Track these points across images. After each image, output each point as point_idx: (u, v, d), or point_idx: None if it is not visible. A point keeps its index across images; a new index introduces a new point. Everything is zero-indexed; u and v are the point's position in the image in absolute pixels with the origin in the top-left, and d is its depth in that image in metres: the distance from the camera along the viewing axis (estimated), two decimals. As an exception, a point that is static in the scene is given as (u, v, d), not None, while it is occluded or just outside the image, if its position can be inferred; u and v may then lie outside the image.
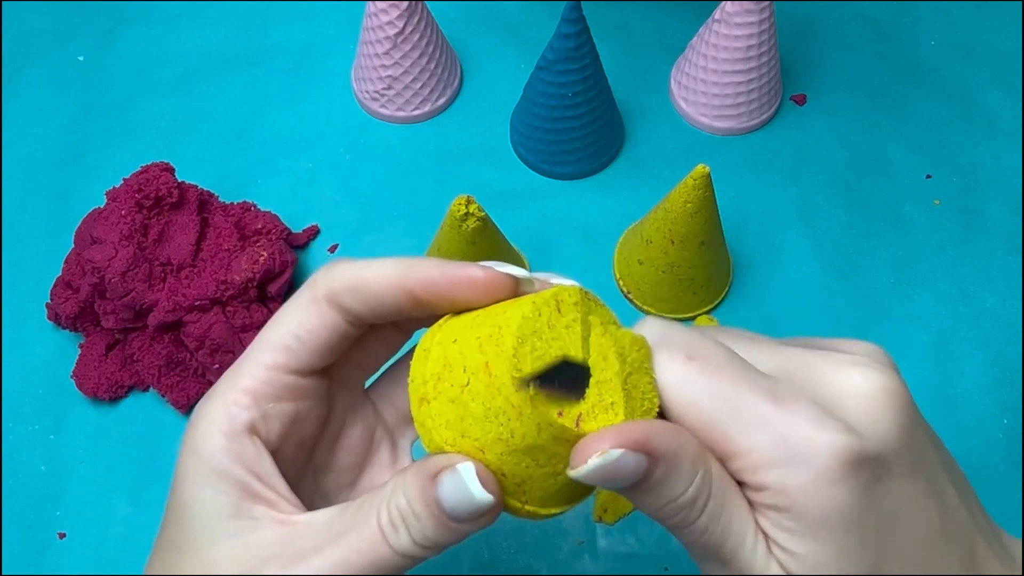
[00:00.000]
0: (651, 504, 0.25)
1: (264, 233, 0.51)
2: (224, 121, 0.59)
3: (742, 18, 0.52)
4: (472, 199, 0.44)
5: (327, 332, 0.28)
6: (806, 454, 0.24)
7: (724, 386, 0.25)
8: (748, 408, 0.25)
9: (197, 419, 0.28)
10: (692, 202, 0.45)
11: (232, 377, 0.28)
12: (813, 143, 0.58)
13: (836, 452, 0.24)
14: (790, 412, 0.24)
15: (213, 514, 0.26)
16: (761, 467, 0.24)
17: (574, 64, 0.50)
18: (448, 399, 0.25)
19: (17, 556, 0.46)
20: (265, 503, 0.27)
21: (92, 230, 0.48)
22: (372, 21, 0.54)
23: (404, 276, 0.27)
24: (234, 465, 0.27)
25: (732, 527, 0.25)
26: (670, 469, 0.24)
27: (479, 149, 0.58)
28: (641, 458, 0.24)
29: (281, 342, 0.28)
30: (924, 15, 0.64)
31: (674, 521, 0.25)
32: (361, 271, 0.27)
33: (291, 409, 0.28)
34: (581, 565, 0.46)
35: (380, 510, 0.26)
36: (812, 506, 0.24)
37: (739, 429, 0.25)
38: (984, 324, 0.53)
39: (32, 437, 0.49)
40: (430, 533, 0.25)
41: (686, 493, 0.25)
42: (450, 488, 0.25)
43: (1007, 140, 0.59)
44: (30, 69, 0.62)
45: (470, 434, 0.25)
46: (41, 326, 0.52)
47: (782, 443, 0.24)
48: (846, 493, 0.24)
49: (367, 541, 0.25)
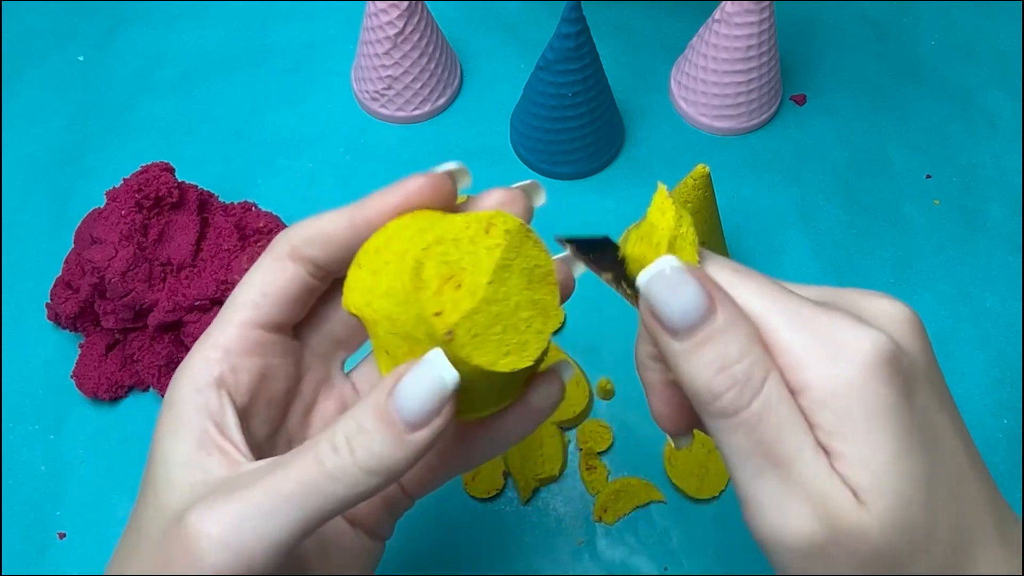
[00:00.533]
0: (706, 365, 0.25)
1: (265, 233, 0.51)
2: (224, 121, 0.59)
3: (742, 18, 0.52)
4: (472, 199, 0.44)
5: (290, 286, 0.29)
6: (849, 350, 0.24)
7: (770, 289, 0.26)
8: (793, 308, 0.25)
9: (175, 377, 0.29)
10: (692, 202, 0.45)
11: (205, 336, 0.29)
12: (813, 143, 0.58)
13: (878, 349, 0.24)
14: (831, 316, 0.25)
15: (173, 462, 0.27)
16: (802, 364, 0.25)
17: (574, 64, 0.50)
18: (371, 270, 0.27)
19: (17, 556, 0.46)
20: (219, 451, 0.27)
21: (92, 230, 0.48)
22: (372, 21, 0.54)
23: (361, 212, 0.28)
24: (195, 414, 0.27)
25: (788, 427, 0.24)
26: (728, 325, 0.25)
27: (479, 149, 0.58)
28: (703, 295, 0.25)
29: (248, 299, 0.29)
30: (924, 15, 0.64)
31: (728, 398, 0.24)
32: (318, 221, 0.29)
33: (260, 364, 0.29)
34: (581, 565, 0.46)
35: (322, 440, 0.25)
36: (857, 403, 0.24)
37: (784, 323, 0.25)
38: (984, 324, 0.53)
39: (32, 437, 0.49)
40: (377, 446, 0.24)
41: (741, 363, 0.24)
42: (411, 382, 0.25)
43: (1007, 140, 0.59)
44: (30, 69, 0.62)
45: (372, 305, 0.27)
46: (41, 326, 0.52)
47: (825, 339, 0.24)
48: (891, 391, 0.24)
49: (300, 468, 0.25)
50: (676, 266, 0.25)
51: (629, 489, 0.47)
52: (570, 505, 0.47)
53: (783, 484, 0.24)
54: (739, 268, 0.27)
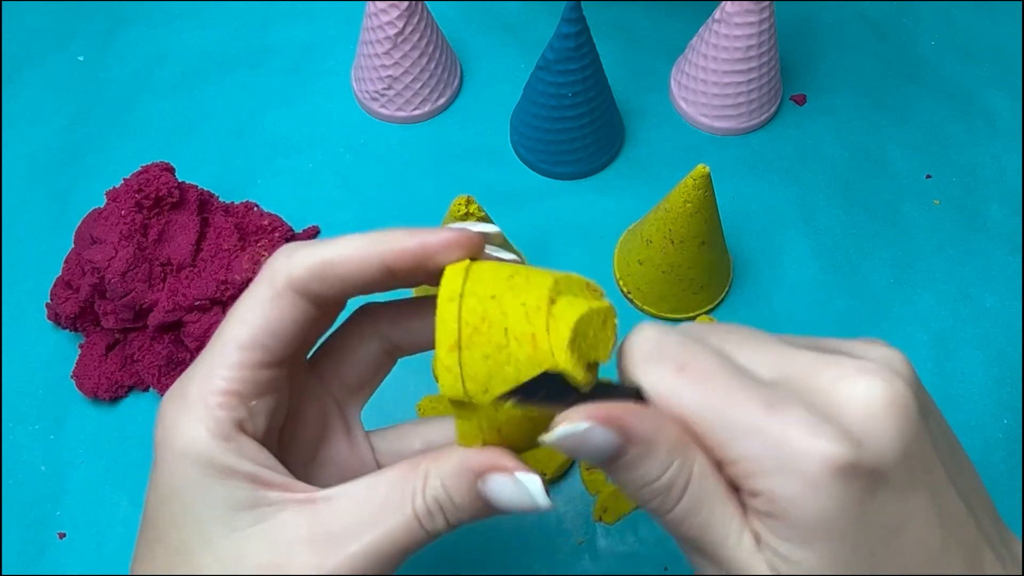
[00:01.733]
0: (627, 483, 0.26)
1: (268, 232, 0.51)
2: (224, 121, 0.59)
3: (742, 18, 0.52)
4: (472, 199, 0.44)
5: (297, 322, 0.28)
6: (797, 462, 0.23)
7: (715, 395, 0.25)
8: (739, 416, 0.24)
9: (176, 427, 0.27)
10: (692, 202, 0.45)
11: (206, 379, 0.27)
12: (813, 143, 0.58)
13: (828, 461, 0.23)
14: (783, 419, 0.24)
15: (226, 509, 0.26)
16: (752, 474, 0.24)
17: (574, 64, 0.50)
18: (483, 354, 0.25)
19: (17, 556, 0.46)
20: (279, 487, 0.27)
21: (92, 230, 0.48)
22: (372, 21, 0.54)
23: (376, 251, 0.27)
24: (241, 461, 0.27)
25: (713, 522, 0.25)
26: (644, 451, 0.25)
27: (479, 149, 0.58)
28: (611, 434, 0.24)
29: (253, 339, 0.28)
30: (924, 15, 0.64)
31: (652, 506, 0.26)
32: (325, 253, 0.27)
33: (273, 401, 0.29)
34: (581, 565, 0.46)
35: (416, 497, 0.27)
36: (802, 514, 0.24)
37: (730, 437, 0.24)
38: (984, 324, 0.53)
39: (32, 437, 0.49)
40: (466, 518, 0.27)
41: (661, 479, 0.25)
42: (504, 490, 0.26)
43: (1007, 140, 0.59)
44: (30, 69, 0.62)
45: (493, 392, 0.25)
46: (41, 326, 0.52)
47: (773, 451, 0.24)
48: (837, 503, 0.23)
49: (404, 527, 0.26)
50: (579, 427, 0.24)
51: (629, 489, 0.47)
52: (570, 505, 0.47)
53: (712, 564, 0.26)
54: (686, 362, 0.25)
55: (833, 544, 0.24)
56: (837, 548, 0.24)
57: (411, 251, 0.27)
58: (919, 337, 0.52)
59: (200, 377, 0.28)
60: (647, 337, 0.26)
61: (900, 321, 0.52)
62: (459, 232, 0.27)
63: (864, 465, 0.23)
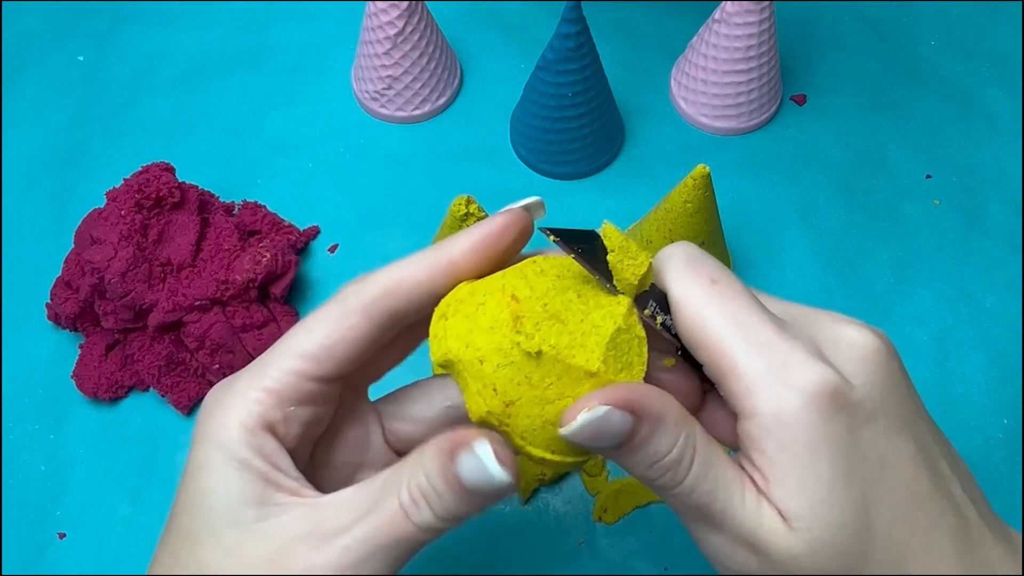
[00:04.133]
0: (639, 464, 0.26)
1: (272, 231, 0.51)
2: (224, 121, 0.59)
3: (742, 18, 0.52)
4: (472, 199, 0.44)
5: (357, 343, 0.29)
6: (798, 381, 0.25)
7: (738, 309, 0.27)
8: (754, 332, 0.26)
9: (214, 411, 0.28)
10: (692, 202, 0.45)
11: (255, 376, 0.28)
12: (813, 143, 0.58)
13: (824, 384, 0.25)
14: (791, 344, 0.26)
15: (237, 501, 0.27)
16: (754, 389, 0.26)
17: (574, 64, 0.50)
18: (464, 315, 0.28)
19: (17, 556, 0.46)
20: (287, 491, 0.28)
21: (92, 230, 0.48)
22: (372, 21, 0.54)
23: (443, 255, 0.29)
24: (256, 457, 0.27)
25: (719, 486, 0.26)
26: (655, 428, 0.26)
27: (479, 149, 0.58)
28: (627, 416, 0.26)
29: (309, 351, 0.28)
30: (924, 15, 0.64)
31: (662, 481, 0.26)
32: (393, 273, 0.29)
33: (311, 413, 0.29)
34: (581, 565, 0.46)
35: (401, 489, 0.27)
36: (800, 432, 0.25)
37: (742, 349, 0.26)
38: (984, 324, 0.53)
39: (32, 437, 0.49)
40: (451, 507, 0.27)
41: (671, 452, 0.26)
42: (469, 466, 0.26)
43: (1007, 140, 0.59)
44: (30, 69, 0.62)
45: (474, 344, 0.27)
46: (41, 326, 0.52)
47: (778, 367, 0.26)
48: (832, 426, 0.25)
49: (390, 519, 0.27)
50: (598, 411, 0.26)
51: (629, 489, 0.47)
52: (570, 505, 0.47)
53: (720, 533, 0.27)
54: (716, 277, 0.27)
55: (829, 465, 0.25)
56: (834, 471, 0.25)
57: (476, 246, 0.29)
58: (919, 337, 0.52)
59: (252, 372, 0.29)
60: (686, 250, 0.28)
61: (900, 321, 0.52)
62: (508, 213, 0.29)
63: (853, 398, 0.26)
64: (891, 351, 0.28)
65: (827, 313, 0.29)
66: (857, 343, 0.27)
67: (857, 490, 0.25)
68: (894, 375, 0.27)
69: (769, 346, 0.26)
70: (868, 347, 0.27)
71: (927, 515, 0.26)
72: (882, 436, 0.26)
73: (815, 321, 0.28)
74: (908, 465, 0.26)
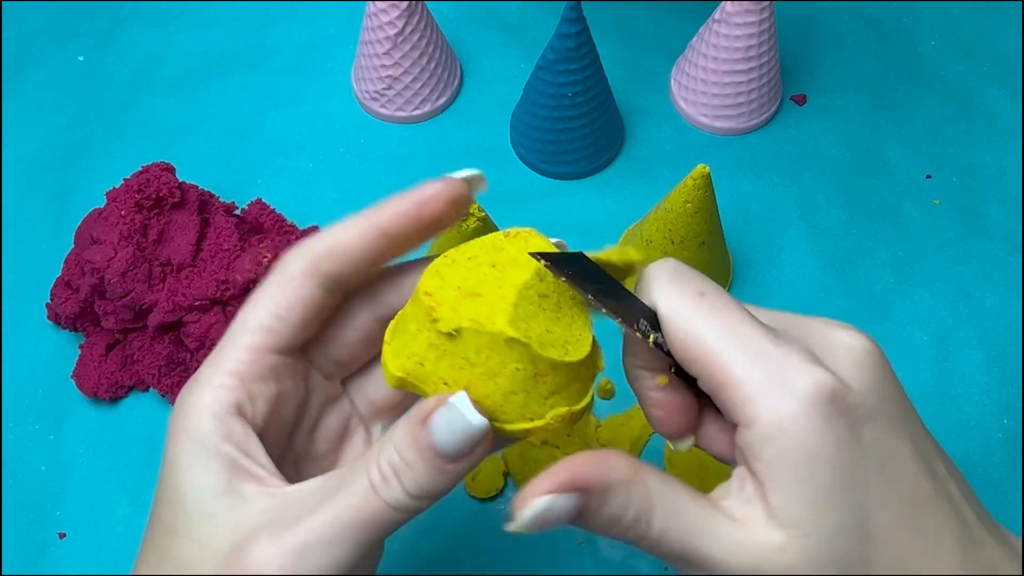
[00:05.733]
0: (600, 528, 0.26)
1: (276, 231, 0.51)
2: (224, 121, 0.59)
3: (742, 18, 0.52)
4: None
5: (303, 306, 0.29)
6: (796, 387, 0.25)
7: (729, 320, 0.27)
8: (747, 342, 0.26)
9: (183, 403, 0.28)
10: (692, 202, 0.45)
11: (216, 361, 0.29)
12: (813, 143, 0.58)
13: (822, 388, 0.25)
14: (785, 350, 0.26)
15: (205, 492, 0.27)
16: (751, 398, 0.26)
17: (574, 64, 0.50)
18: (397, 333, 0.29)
19: (17, 556, 0.46)
20: (254, 479, 0.27)
21: (92, 230, 0.48)
22: (372, 21, 0.54)
23: (375, 220, 0.29)
24: (223, 443, 0.27)
25: (691, 527, 0.26)
26: (603, 497, 0.25)
27: (479, 149, 0.58)
28: (572, 497, 0.25)
29: (261, 323, 0.29)
30: (924, 15, 0.64)
31: (628, 538, 0.26)
32: (329, 235, 0.29)
33: (275, 389, 0.29)
34: (581, 565, 0.46)
35: (370, 467, 0.26)
36: (799, 439, 0.25)
37: (738, 360, 0.26)
38: (984, 324, 0.52)
39: (32, 437, 0.49)
40: (423, 480, 0.26)
41: (627, 513, 0.26)
42: (442, 424, 0.26)
43: (1007, 140, 0.59)
44: (30, 69, 0.62)
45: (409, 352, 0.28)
46: (41, 326, 0.52)
47: (776, 375, 0.26)
48: (832, 429, 0.25)
49: (358, 496, 0.26)
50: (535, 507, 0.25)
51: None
52: (570, 505, 0.47)
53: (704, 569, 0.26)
54: (704, 291, 0.27)
55: (829, 472, 0.25)
56: (834, 476, 0.25)
57: (404, 211, 0.29)
58: (919, 337, 0.52)
59: (211, 360, 0.29)
60: (671, 265, 0.28)
61: (900, 321, 0.52)
62: (444, 181, 0.29)
63: (850, 401, 0.26)
64: (882, 353, 0.28)
65: (817, 319, 0.29)
66: (850, 346, 0.27)
67: (858, 492, 0.25)
68: (888, 377, 0.27)
69: (764, 354, 0.26)
70: (861, 350, 0.27)
71: (929, 516, 0.26)
72: (881, 437, 0.26)
73: (807, 327, 0.28)
74: (907, 465, 0.26)
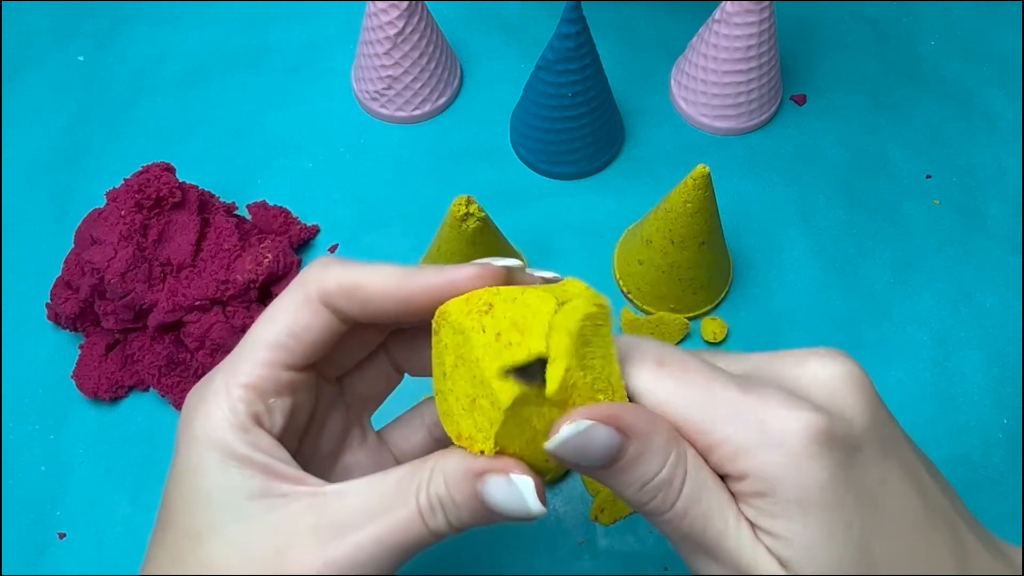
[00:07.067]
0: (628, 485, 0.26)
1: (280, 229, 0.51)
2: (224, 121, 0.59)
3: (742, 18, 0.52)
4: (472, 199, 0.44)
5: (321, 331, 0.29)
6: (779, 435, 0.25)
7: (695, 384, 0.26)
8: (719, 401, 0.26)
9: (198, 411, 0.28)
10: (692, 202, 0.45)
11: (229, 375, 0.28)
12: (813, 143, 0.58)
13: (808, 430, 0.25)
14: (759, 399, 0.25)
15: (240, 496, 0.27)
16: (738, 455, 0.25)
17: (574, 64, 0.50)
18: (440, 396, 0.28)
19: (17, 556, 0.46)
20: (292, 480, 0.28)
21: (92, 230, 0.48)
22: (372, 21, 0.54)
23: (404, 283, 0.28)
24: (255, 453, 0.27)
25: (712, 512, 0.26)
26: (643, 447, 0.25)
27: (479, 149, 0.58)
28: (613, 432, 0.25)
29: (278, 340, 0.28)
30: (924, 15, 0.64)
31: (653, 504, 0.26)
32: (357, 276, 0.28)
33: (290, 402, 0.29)
34: (581, 565, 0.46)
35: (419, 493, 0.27)
36: (791, 485, 0.25)
37: (713, 422, 0.26)
38: (984, 324, 0.52)
39: (32, 437, 0.49)
40: (466, 519, 0.27)
41: (661, 472, 0.25)
42: (500, 492, 0.26)
43: (1007, 140, 0.59)
44: (30, 69, 0.62)
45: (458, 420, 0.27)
46: (41, 326, 0.52)
47: (756, 427, 0.25)
48: (822, 469, 0.25)
49: (407, 521, 0.27)
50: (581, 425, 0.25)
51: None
52: (570, 505, 0.47)
53: (714, 561, 0.26)
54: (662, 360, 0.27)
55: (825, 511, 0.25)
56: (830, 515, 0.25)
57: (437, 287, 0.28)
58: (919, 337, 0.52)
59: (226, 370, 0.29)
60: (625, 341, 0.28)
61: (900, 321, 0.52)
62: (483, 267, 0.28)
63: (838, 433, 0.25)
64: (861, 374, 0.27)
65: (788, 353, 0.28)
66: (826, 377, 0.26)
67: (855, 527, 0.25)
68: (870, 399, 0.27)
69: (739, 410, 0.25)
70: (838, 378, 0.26)
71: (925, 537, 0.26)
72: (872, 464, 0.26)
73: (779, 366, 0.27)
74: (899, 489, 0.26)
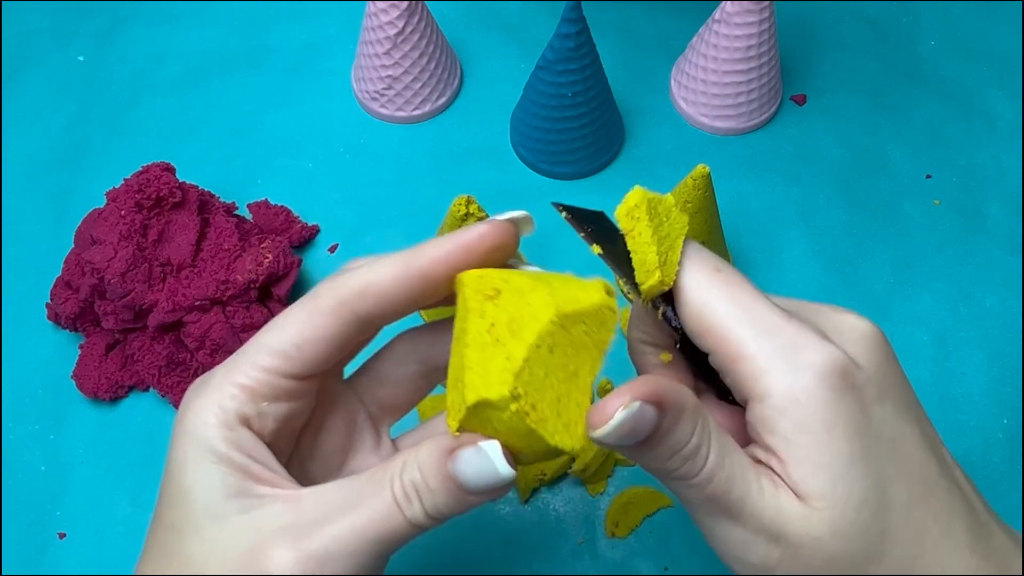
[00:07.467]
0: (659, 456, 0.26)
1: (276, 233, 0.51)
2: (224, 121, 0.59)
3: (742, 18, 0.52)
4: (472, 199, 0.44)
5: (327, 341, 0.29)
6: (809, 360, 0.26)
7: (742, 298, 0.27)
8: (761, 319, 0.27)
9: (191, 406, 0.28)
10: (692, 202, 0.45)
11: (228, 373, 0.29)
12: (813, 143, 0.58)
13: (837, 364, 0.26)
14: (799, 329, 0.27)
15: (217, 494, 0.27)
16: (765, 371, 0.26)
17: (574, 64, 0.50)
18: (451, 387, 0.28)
19: (17, 556, 0.46)
20: (268, 483, 0.28)
21: (92, 230, 0.48)
22: (372, 21, 0.54)
23: (413, 263, 0.28)
24: (233, 451, 0.27)
25: (736, 473, 0.26)
26: (676, 418, 0.26)
27: (479, 149, 0.58)
28: (653, 413, 0.25)
29: (280, 348, 0.28)
30: (924, 15, 0.64)
31: (681, 471, 0.26)
32: (367, 274, 0.28)
33: (284, 409, 0.29)
34: (581, 565, 0.46)
35: (393, 482, 0.27)
36: (813, 411, 0.25)
37: (751, 334, 0.27)
38: (984, 324, 0.52)
39: (32, 437, 0.49)
40: (442, 504, 0.27)
41: (690, 441, 0.26)
42: (470, 464, 0.26)
43: (1007, 140, 0.59)
44: (30, 69, 0.62)
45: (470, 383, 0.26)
46: (41, 326, 0.52)
47: (789, 349, 0.26)
48: (844, 401, 0.26)
49: (382, 511, 0.27)
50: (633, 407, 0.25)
51: (637, 500, 0.47)
52: (570, 505, 0.47)
53: (737, 523, 0.27)
54: (719, 267, 0.28)
55: (845, 442, 0.25)
56: (850, 445, 0.25)
57: (443, 259, 0.28)
58: (919, 337, 0.52)
59: (225, 369, 0.29)
60: (690, 245, 0.29)
61: (900, 321, 0.52)
62: (489, 224, 0.28)
63: (863, 379, 0.26)
64: (887, 341, 0.28)
65: (826, 305, 0.29)
66: (860, 329, 0.28)
67: (874, 468, 0.26)
68: (894, 362, 0.28)
69: (776, 330, 0.27)
70: (870, 334, 0.28)
71: (939, 498, 0.27)
72: (890, 417, 0.27)
73: (816, 311, 0.29)
74: (916, 448, 0.27)
